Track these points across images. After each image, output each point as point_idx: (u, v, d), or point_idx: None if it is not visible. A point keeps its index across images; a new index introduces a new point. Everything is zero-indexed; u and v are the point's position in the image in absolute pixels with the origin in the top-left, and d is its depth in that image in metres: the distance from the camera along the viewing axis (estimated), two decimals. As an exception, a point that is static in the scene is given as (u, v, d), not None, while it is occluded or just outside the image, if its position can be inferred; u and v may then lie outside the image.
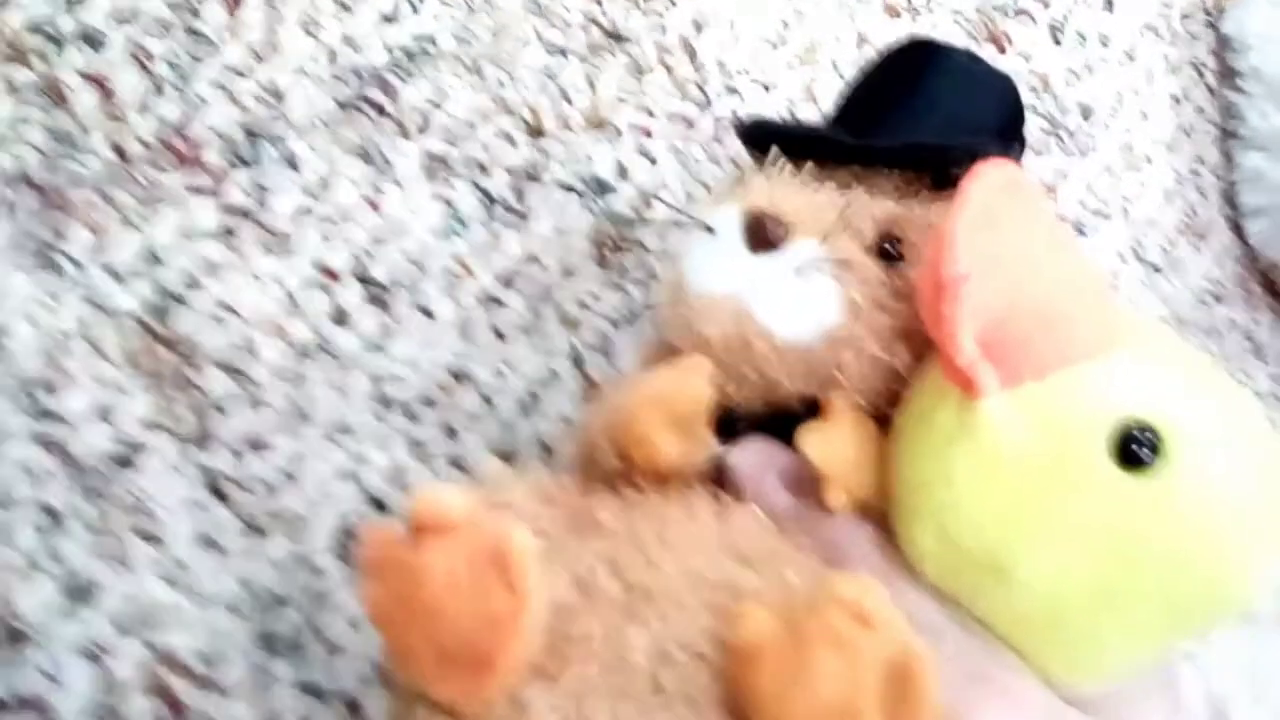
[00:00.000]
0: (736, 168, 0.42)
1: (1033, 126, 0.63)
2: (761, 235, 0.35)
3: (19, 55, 0.44)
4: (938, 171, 0.38)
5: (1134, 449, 0.31)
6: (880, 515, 0.35)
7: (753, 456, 0.35)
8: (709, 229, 0.36)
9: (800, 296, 0.34)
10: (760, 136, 0.40)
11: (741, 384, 0.35)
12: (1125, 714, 0.36)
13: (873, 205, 0.36)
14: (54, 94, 0.44)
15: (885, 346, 0.35)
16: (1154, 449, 0.31)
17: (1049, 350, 0.32)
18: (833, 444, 0.34)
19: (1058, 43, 0.66)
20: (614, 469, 0.33)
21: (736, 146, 0.55)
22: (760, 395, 0.36)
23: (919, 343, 0.35)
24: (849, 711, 0.27)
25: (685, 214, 0.38)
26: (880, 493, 0.35)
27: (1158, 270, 0.65)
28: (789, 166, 0.37)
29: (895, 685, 0.27)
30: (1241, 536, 0.33)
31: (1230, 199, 0.68)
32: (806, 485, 0.34)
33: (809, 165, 0.38)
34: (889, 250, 0.36)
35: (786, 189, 0.37)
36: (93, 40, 0.45)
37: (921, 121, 0.40)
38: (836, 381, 0.35)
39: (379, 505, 0.44)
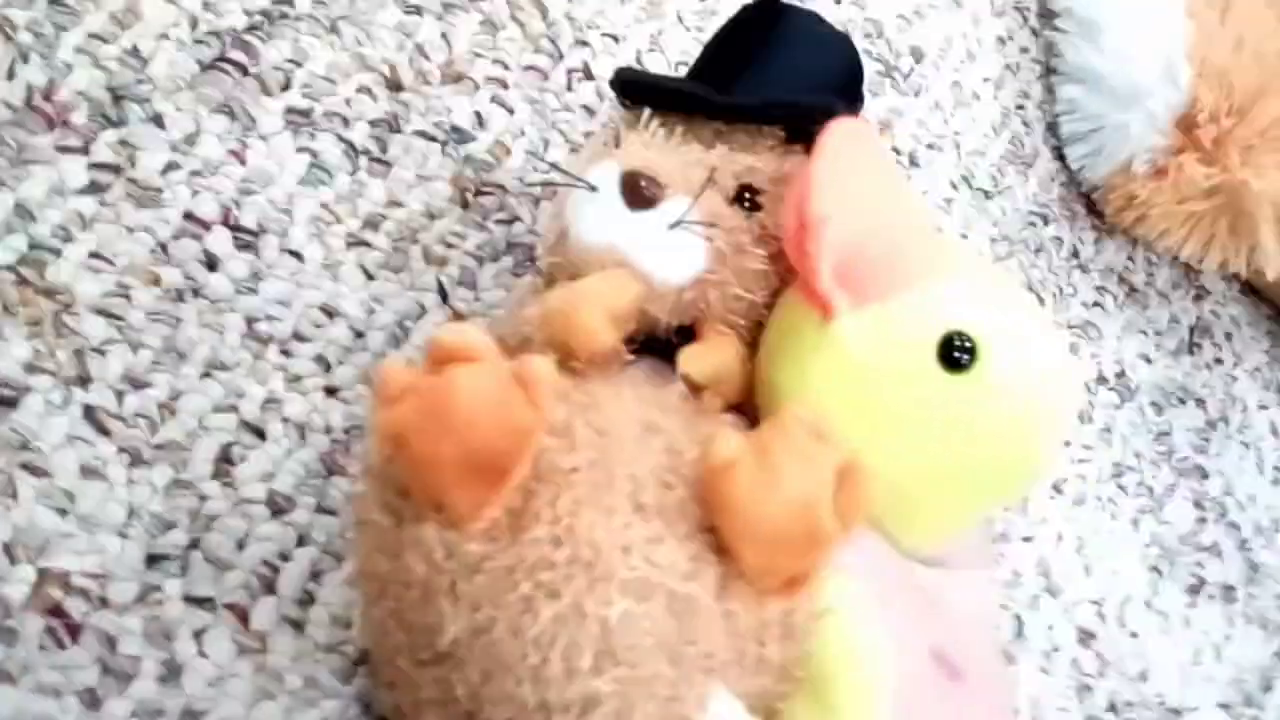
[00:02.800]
0: (611, 123, 0.46)
1: (868, 69, 0.67)
2: (639, 195, 0.39)
3: (-118, 28, 0.45)
4: (791, 125, 0.42)
5: (955, 355, 0.37)
6: (750, 414, 0.41)
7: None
8: (592, 187, 0.40)
9: (673, 248, 0.39)
10: (633, 90, 0.44)
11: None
12: (958, 565, 0.42)
13: (733, 160, 0.41)
14: (-80, 64, 0.45)
15: (747, 285, 0.40)
16: (971, 353, 0.37)
17: (889, 276, 0.39)
18: (704, 361, 0.40)
19: (888, -9, 0.69)
20: (552, 349, 0.38)
21: (588, 95, 0.58)
22: (643, 327, 0.40)
23: (776, 278, 0.41)
24: (810, 504, 0.32)
25: (568, 175, 0.41)
26: (748, 397, 0.41)
27: (988, 196, 0.69)
28: (659, 125, 0.42)
29: (845, 483, 0.33)
30: (1041, 419, 0.39)
31: (1053, 129, 0.73)
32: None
33: (678, 121, 0.42)
34: (748, 201, 0.41)
35: (659, 149, 0.41)
36: (-45, 12, 0.46)
37: (774, 79, 0.43)
38: (706, 314, 0.41)
39: (258, 433, 0.46)
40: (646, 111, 0.43)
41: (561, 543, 0.32)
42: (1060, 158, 0.72)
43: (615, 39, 0.60)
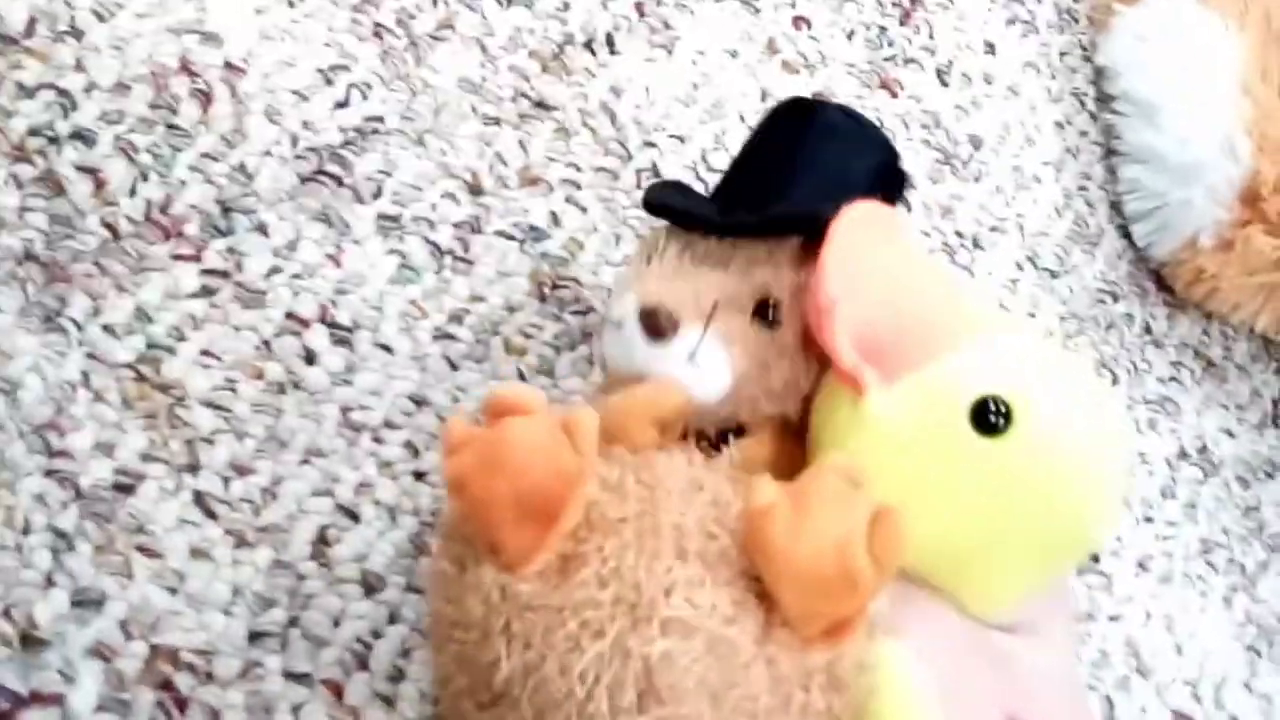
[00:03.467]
0: (642, 243, 0.47)
1: (927, 159, 0.69)
2: (656, 329, 0.41)
3: (23, 154, 0.50)
4: (808, 230, 0.42)
5: (989, 419, 0.38)
6: None
7: None
8: (617, 324, 0.42)
9: (695, 375, 0.41)
10: (654, 210, 0.46)
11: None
12: (1034, 629, 0.41)
13: (749, 276, 0.42)
14: (53, 184, 0.50)
15: (776, 394, 0.42)
16: (1006, 416, 0.38)
17: (917, 348, 0.40)
18: (754, 452, 0.42)
19: (945, 84, 0.72)
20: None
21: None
22: (691, 429, 0.42)
23: (809, 377, 0.42)
24: (845, 546, 0.34)
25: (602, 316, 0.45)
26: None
27: (1055, 275, 0.70)
28: (679, 246, 0.43)
29: (879, 527, 0.34)
30: (1085, 477, 0.39)
31: (1118, 209, 0.74)
32: None
33: (697, 238, 0.43)
34: (767, 314, 0.42)
35: (675, 275, 0.43)
36: (86, 139, 0.51)
37: (799, 183, 0.44)
38: (748, 419, 0.42)
39: (353, 516, 0.48)
40: (662, 238, 0.44)
41: (607, 584, 0.34)
42: (1126, 235, 0.73)
43: (681, 140, 0.63)
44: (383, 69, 0.57)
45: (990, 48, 0.75)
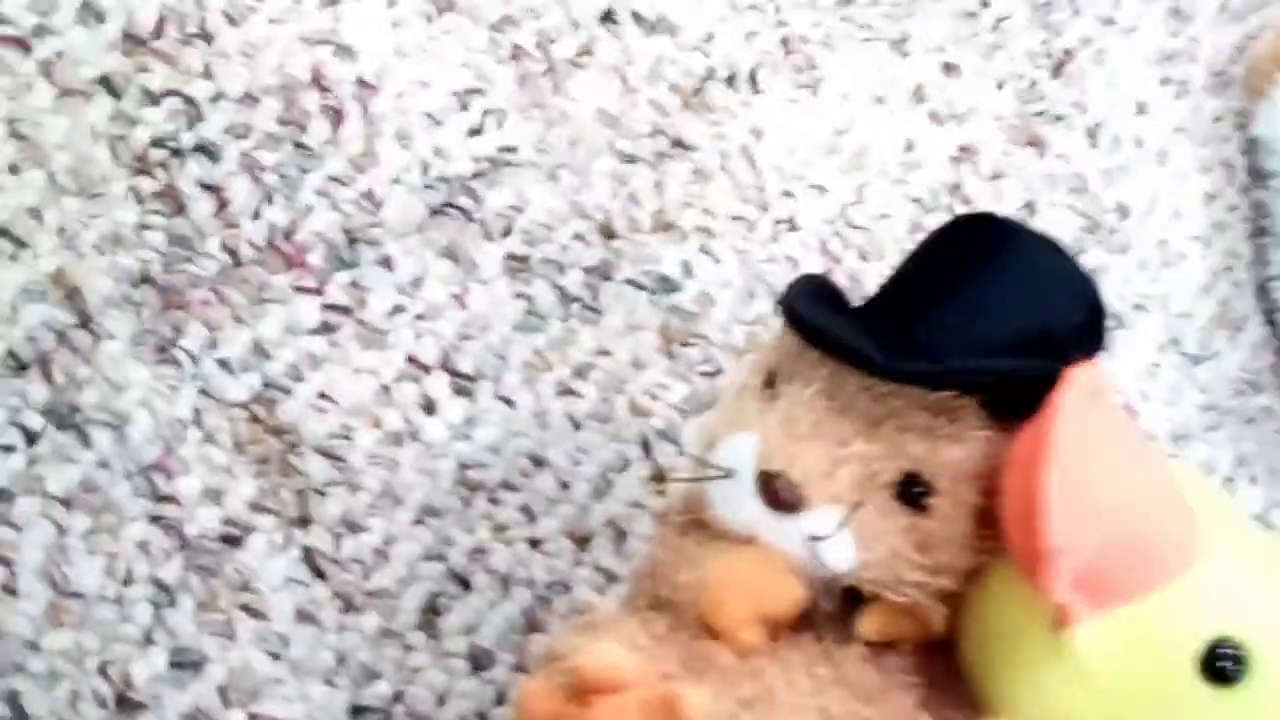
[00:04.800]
0: (749, 367, 0.39)
1: (1072, 225, 0.64)
2: (778, 500, 0.34)
3: (144, 167, 0.46)
4: (993, 391, 0.34)
5: (1222, 666, 0.31)
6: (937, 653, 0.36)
7: None
8: (727, 473, 0.35)
9: (815, 556, 0.34)
10: (795, 325, 0.36)
11: None
12: None
13: (901, 445, 0.34)
14: (174, 201, 0.46)
15: (907, 587, 0.34)
16: (1241, 664, 0.32)
17: (1136, 576, 0.32)
18: (883, 622, 0.35)
19: (1094, 145, 0.67)
20: (700, 625, 0.34)
21: (793, 246, 0.57)
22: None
23: (961, 564, 0.35)
24: None
25: (705, 463, 0.36)
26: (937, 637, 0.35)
27: (1196, 361, 0.65)
28: (810, 390, 0.35)
29: None
30: None
31: (1264, 293, 0.68)
32: None
33: (840, 379, 0.34)
34: (913, 494, 0.34)
35: (807, 427, 0.34)
36: (210, 153, 0.47)
37: (977, 323, 0.35)
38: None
39: (464, 583, 0.44)
40: (794, 363, 0.36)
41: None
42: (1271, 323, 0.68)
43: (820, 190, 0.58)
44: (520, 95, 0.53)
45: (1142, 108, 0.69)
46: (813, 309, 0.36)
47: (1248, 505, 0.63)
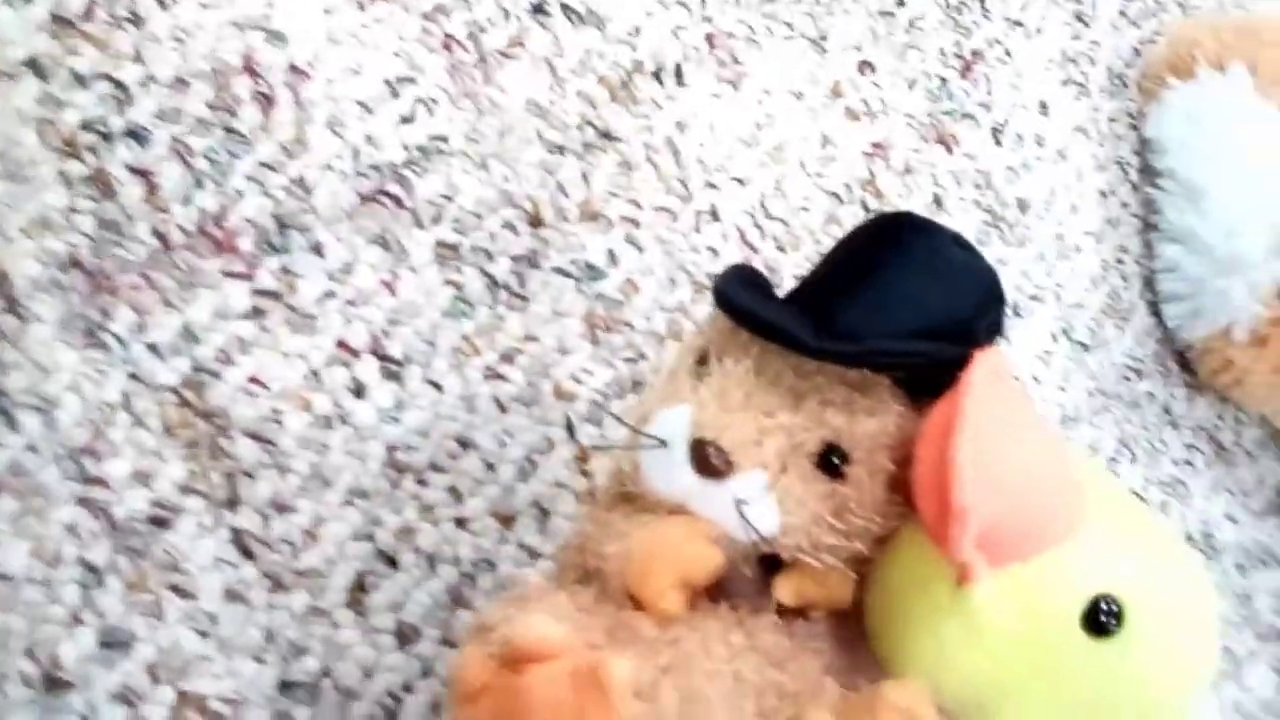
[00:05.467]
0: (699, 334, 0.40)
1: (976, 220, 0.67)
2: (708, 466, 0.36)
3: (73, 150, 0.46)
4: (911, 370, 0.37)
5: (1102, 620, 0.35)
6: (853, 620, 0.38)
7: None
8: (661, 443, 0.36)
9: (743, 520, 0.36)
10: (729, 310, 0.38)
11: None
12: None
13: (823, 418, 0.37)
14: (103, 186, 0.46)
15: (825, 551, 0.37)
16: (1118, 618, 0.35)
17: (1031, 538, 0.35)
18: (799, 588, 0.37)
19: (999, 144, 0.70)
20: (625, 594, 0.35)
21: (714, 237, 0.59)
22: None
23: (875, 529, 0.37)
24: None
25: (640, 433, 0.37)
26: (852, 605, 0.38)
27: (1086, 349, 0.68)
28: (741, 368, 0.37)
29: None
30: (1190, 684, 0.37)
31: (1150, 285, 0.72)
32: None
33: (768, 359, 0.37)
34: (832, 463, 0.36)
35: (738, 400, 0.36)
36: (139, 137, 0.47)
37: (893, 310, 0.37)
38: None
39: (391, 562, 0.45)
40: (726, 342, 0.38)
41: None
42: (1156, 314, 0.72)
43: (741, 182, 0.60)
44: (450, 84, 0.54)
45: (1044, 108, 0.73)
46: (746, 295, 0.38)
47: (1128, 481, 0.67)
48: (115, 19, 0.47)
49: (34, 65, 0.45)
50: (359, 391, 0.47)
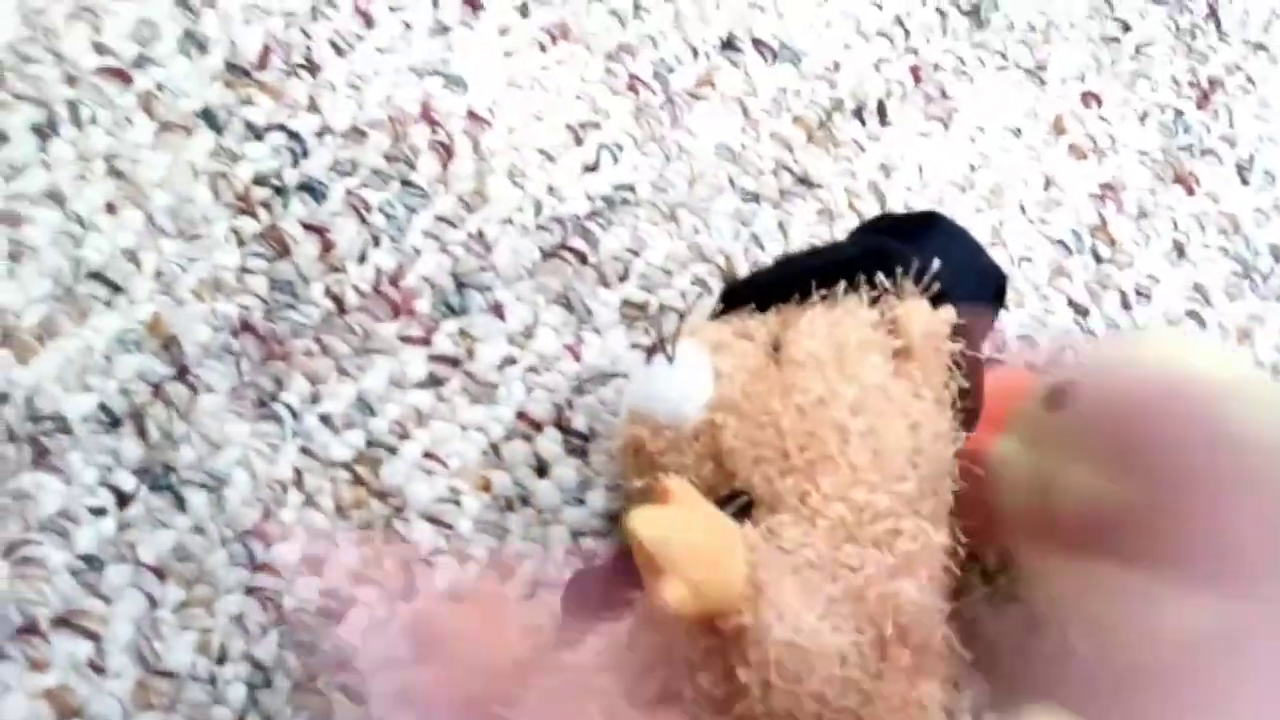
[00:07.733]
0: None
1: (1224, 270, 0.58)
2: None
3: (247, 206, 0.43)
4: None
5: None
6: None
7: None
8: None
9: (681, 382, 0.37)
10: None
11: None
12: None
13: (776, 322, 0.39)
14: (277, 243, 0.42)
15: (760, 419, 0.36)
16: None
17: None
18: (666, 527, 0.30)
19: (1245, 183, 0.61)
20: None
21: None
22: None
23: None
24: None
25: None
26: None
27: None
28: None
29: None
30: None
31: None
32: None
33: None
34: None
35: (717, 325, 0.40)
36: (315, 191, 0.43)
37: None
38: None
39: (577, 665, 0.40)
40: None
41: None
42: None
43: (954, 230, 0.53)
44: (636, 129, 0.49)
45: (1295, 141, 0.63)
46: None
47: None
48: (290, 66, 0.45)
49: (208, 116, 0.42)
50: (541, 470, 0.42)
